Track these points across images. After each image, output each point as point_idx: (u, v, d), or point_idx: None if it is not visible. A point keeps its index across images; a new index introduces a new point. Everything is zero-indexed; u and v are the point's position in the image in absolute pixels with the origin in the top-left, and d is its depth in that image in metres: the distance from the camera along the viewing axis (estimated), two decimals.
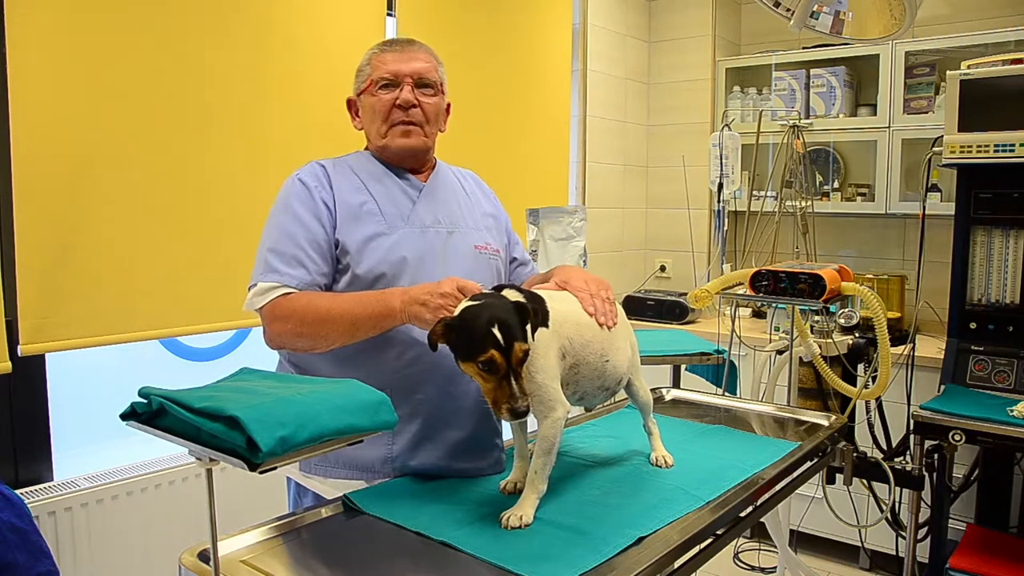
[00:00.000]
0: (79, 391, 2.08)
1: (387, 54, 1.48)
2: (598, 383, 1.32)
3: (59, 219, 1.81)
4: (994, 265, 2.55)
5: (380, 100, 1.46)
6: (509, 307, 1.12)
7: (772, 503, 1.48)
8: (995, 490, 2.62)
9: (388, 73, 1.46)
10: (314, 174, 1.44)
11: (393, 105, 1.46)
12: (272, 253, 1.36)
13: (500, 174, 2.96)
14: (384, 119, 1.47)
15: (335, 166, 1.47)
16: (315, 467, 1.42)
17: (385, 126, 1.47)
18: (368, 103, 1.49)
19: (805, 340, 2.24)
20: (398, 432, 1.37)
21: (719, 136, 3.24)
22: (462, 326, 1.11)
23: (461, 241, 1.49)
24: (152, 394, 0.96)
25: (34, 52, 1.76)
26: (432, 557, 1.07)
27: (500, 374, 1.09)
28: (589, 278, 1.38)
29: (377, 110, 1.47)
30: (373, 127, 1.49)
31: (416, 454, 1.38)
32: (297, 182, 1.43)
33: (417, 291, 1.26)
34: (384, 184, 1.47)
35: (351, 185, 1.44)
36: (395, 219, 1.43)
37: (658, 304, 3.52)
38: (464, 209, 1.55)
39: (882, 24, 1.92)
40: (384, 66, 1.47)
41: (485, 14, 2.90)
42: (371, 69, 1.48)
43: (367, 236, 1.39)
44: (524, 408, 1.09)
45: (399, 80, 1.46)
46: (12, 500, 1.32)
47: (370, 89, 1.48)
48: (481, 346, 1.08)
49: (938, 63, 3.13)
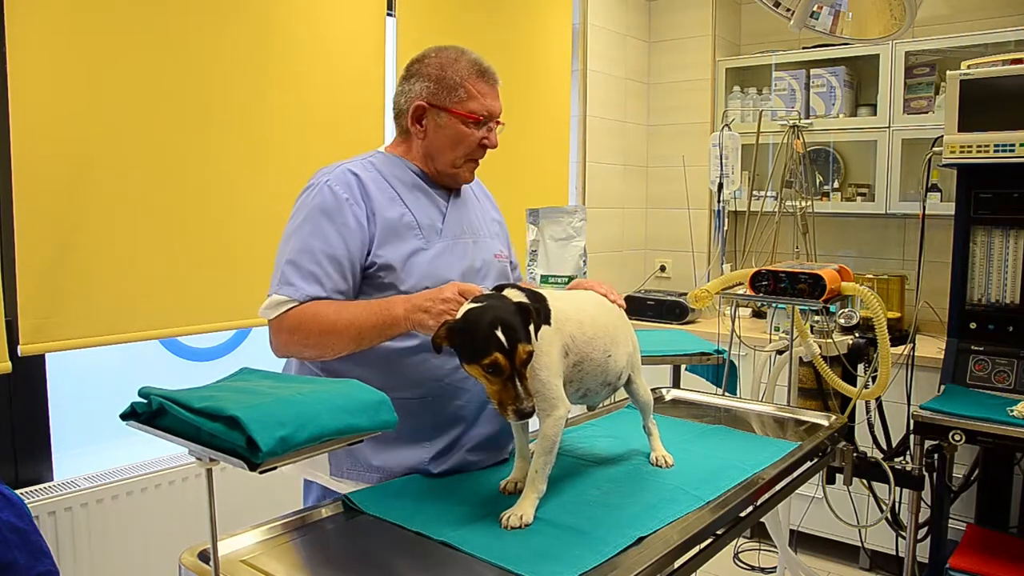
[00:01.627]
0: (79, 391, 2.08)
1: (483, 85, 1.45)
2: (601, 379, 1.33)
3: (59, 219, 1.81)
4: (994, 265, 2.55)
5: (473, 135, 1.44)
6: (512, 308, 1.12)
7: (772, 503, 1.48)
8: (995, 490, 2.62)
9: (486, 111, 1.44)
10: (347, 184, 1.38)
11: (479, 144, 1.45)
12: (290, 265, 1.34)
13: (500, 174, 2.95)
14: (467, 153, 1.46)
15: (366, 171, 1.42)
16: (347, 471, 1.41)
17: (463, 159, 1.46)
18: (455, 129, 1.43)
19: (805, 340, 2.24)
20: (435, 438, 1.39)
21: (719, 136, 3.24)
22: (465, 329, 1.11)
23: (485, 251, 1.51)
24: (152, 394, 0.96)
25: (34, 52, 1.76)
26: (432, 557, 1.07)
27: (504, 376, 1.09)
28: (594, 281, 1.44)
29: (464, 143, 1.44)
30: (450, 153, 1.45)
31: (448, 458, 1.39)
32: (327, 191, 1.37)
33: (419, 298, 1.26)
34: (416, 195, 1.45)
35: (385, 196, 1.41)
36: (430, 232, 1.43)
37: (658, 304, 3.52)
38: (479, 218, 1.56)
39: (882, 24, 1.92)
40: (483, 99, 1.44)
41: (485, 14, 2.90)
42: (468, 95, 1.43)
43: (409, 252, 1.38)
44: (530, 409, 1.10)
45: (491, 120, 1.46)
46: (12, 500, 1.32)
47: (464, 117, 1.43)
48: (485, 349, 1.08)
49: (938, 63, 3.13)
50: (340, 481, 1.42)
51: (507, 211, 1.70)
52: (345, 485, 1.41)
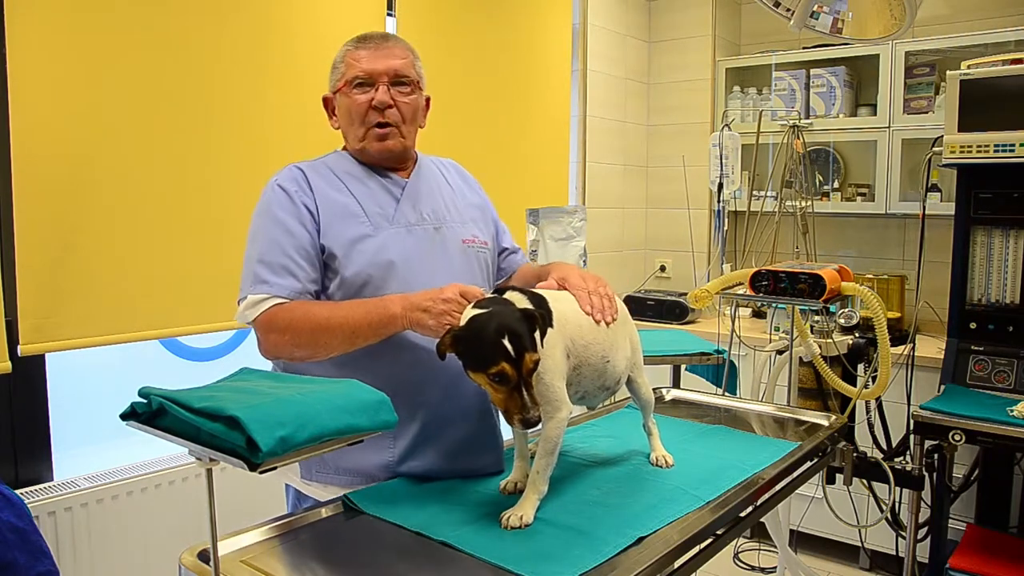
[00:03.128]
0: (79, 391, 2.08)
1: (361, 51, 1.43)
2: (599, 383, 1.33)
3: (59, 219, 1.81)
4: (994, 265, 2.55)
5: (355, 101, 1.42)
6: (518, 316, 1.11)
7: (772, 503, 1.48)
8: (995, 490, 2.62)
9: (362, 72, 1.41)
10: (293, 178, 1.40)
11: (369, 106, 1.41)
12: (260, 264, 1.34)
13: (500, 174, 2.96)
14: (360, 121, 1.43)
15: (313, 168, 1.43)
16: (316, 474, 1.40)
17: (362, 129, 1.43)
18: (343, 104, 1.44)
19: (805, 340, 2.24)
20: (399, 436, 1.36)
21: (719, 136, 3.24)
22: (471, 337, 1.10)
23: (448, 237, 1.47)
24: (152, 394, 0.96)
25: (34, 52, 1.76)
26: (432, 557, 1.07)
27: (511, 385, 1.08)
28: (587, 275, 1.37)
29: (353, 112, 1.43)
30: (351, 129, 1.45)
31: (417, 457, 1.37)
32: (277, 188, 1.39)
33: (419, 298, 1.25)
34: (365, 184, 1.44)
35: (332, 187, 1.41)
36: (379, 219, 1.41)
37: (658, 304, 3.52)
38: (449, 203, 1.52)
39: (882, 24, 1.92)
40: (358, 64, 1.42)
41: (485, 14, 2.90)
42: (345, 67, 1.43)
43: (352, 238, 1.37)
44: (536, 418, 1.09)
45: (374, 79, 1.41)
46: (12, 500, 1.32)
47: (344, 89, 1.43)
48: (492, 358, 1.07)
49: (938, 63, 3.13)
50: (309, 484, 1.41)
51: (507, 211, 1.70)
52: (314, 488, 1.40)
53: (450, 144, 1.57)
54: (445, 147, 1.55)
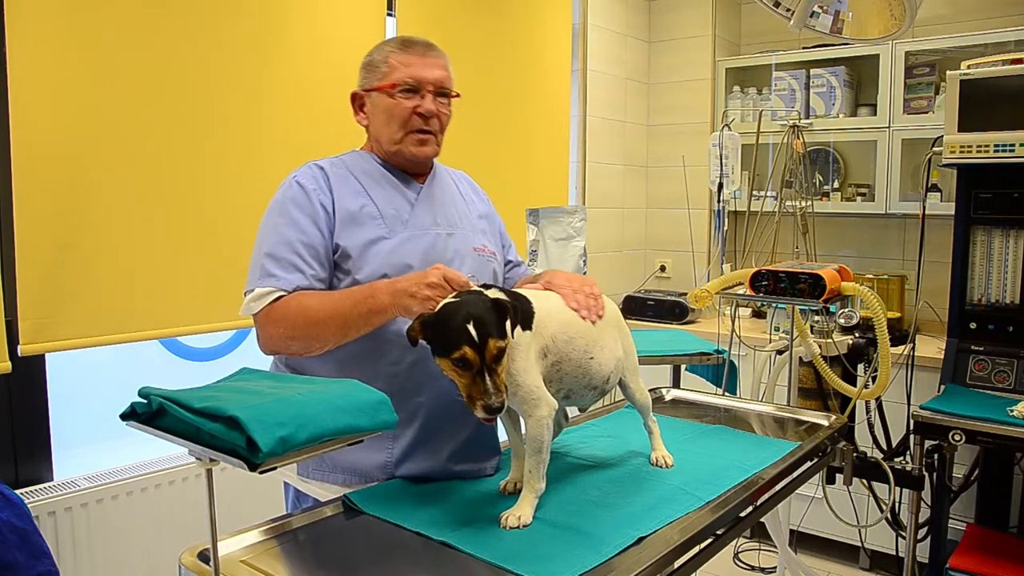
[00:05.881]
0: (79, 391, 2.08)
1: (410, 56, 1.44)
2: (584, 381, 1.31)
3: (59, 219, 1.81)
4: (994, 265, 2.55)
5: (400, 105, 1.43)
6: (487, 304, 1.11)
7: (772, 503, 1.48)
8: (995, 490, 2.62)
9: (411, 78, 1.42)
10: (312, 176, 1.41)
11: (413, 112, 1.43)
12: (269, 258, 1.35)
13: (500, 174, 2.97)
14: (402, 125, 1.43)
15: (333, 167, 1.44)
16: (313, 472, 1.41)
17: (402, 132, 1.44)
18: (384, 104, 1.44)
19: (805, 340, 2.24)
20: (397, 436, 1.36)
21: (719, 136, 3.24)
22: (438, 322, 1.11)
23: (461, 243, 1.48)
24: (152, 394, 0.96)
25: (34, 52, 1.76)
26: (432, 557, 1.07)
27: (474, 370, 1.08)
28: (573, 276, 1.38)
29: (395, 115, 1.43)
30: (386, 129, 1.45)
31: (415, 458, 1.37)
32: (295, 185, 1.40)
33: (404, 283, 1.24)
34: (383, 187, 1.45)
35: (350, 188, 1.42)
36: (395, 222, 1.42)
37: (658, 304, 3.52)
38: (460, 211, 1.54)
39: (882, 24, 1.92)
40: (407, 69, 1.43)
41: (485, 14, 2.90)
42: (389, 69, 1.43)
43: (367, 240, 1.38)
44: (498, 404, 1.07)
45: (421, 87, 1.43)
46: (12, 500, 1.32)
47: (388, 90, 1.43)
48: (455, 342, 1.07)
49: (938, 63, 3.13)
50: (307, 482, 1.42)
51: (507, 211, 1.70)
52: (311, 486, 1.41)
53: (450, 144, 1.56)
54: (445, 147, 1.55)
